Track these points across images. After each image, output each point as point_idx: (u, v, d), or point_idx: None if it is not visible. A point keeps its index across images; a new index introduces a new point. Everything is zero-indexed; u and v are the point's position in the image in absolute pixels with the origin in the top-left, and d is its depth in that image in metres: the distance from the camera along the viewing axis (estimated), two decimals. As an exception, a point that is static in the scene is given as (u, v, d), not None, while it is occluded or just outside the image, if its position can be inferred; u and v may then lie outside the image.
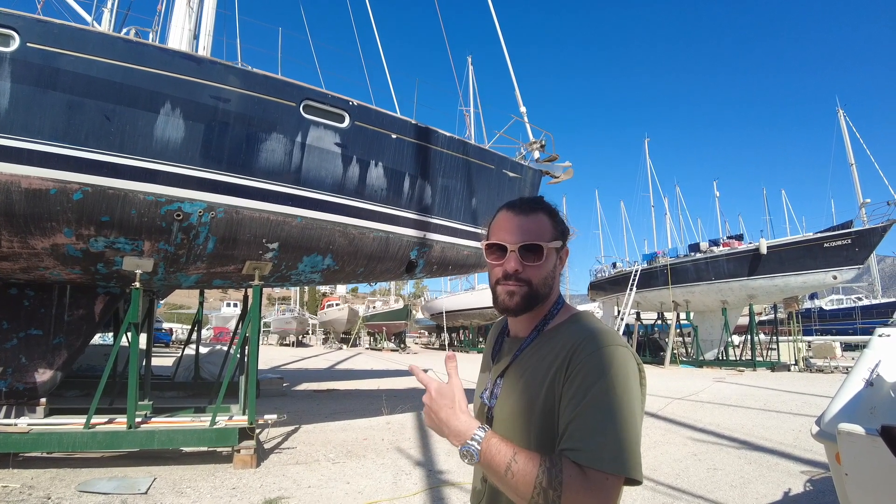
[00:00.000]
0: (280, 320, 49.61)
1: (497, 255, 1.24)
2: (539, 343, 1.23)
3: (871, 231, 21.23)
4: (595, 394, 1.03)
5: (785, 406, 11.55)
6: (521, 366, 1.23)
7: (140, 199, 6.06)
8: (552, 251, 1.23)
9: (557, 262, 1.27)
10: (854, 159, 31.68)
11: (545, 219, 1.25)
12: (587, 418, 1.02)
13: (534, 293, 1.22)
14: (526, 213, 1.25)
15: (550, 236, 1.23)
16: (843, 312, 40.92)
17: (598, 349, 1.08)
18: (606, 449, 0.98)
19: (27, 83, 5.55)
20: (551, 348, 1.18)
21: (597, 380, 1.04)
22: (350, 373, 20.85)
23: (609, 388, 1.03)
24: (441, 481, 5.74)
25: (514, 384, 1.22)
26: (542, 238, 1.22)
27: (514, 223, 1.23)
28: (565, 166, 10.08)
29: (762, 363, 23.52)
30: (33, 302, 7.06)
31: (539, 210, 1.26)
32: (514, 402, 1.19)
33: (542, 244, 1.21)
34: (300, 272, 7.80)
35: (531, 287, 1.22)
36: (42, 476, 5.57)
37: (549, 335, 1.23)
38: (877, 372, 2.83)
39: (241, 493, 5.22)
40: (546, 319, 1.26)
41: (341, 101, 7.23)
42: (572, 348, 1.11)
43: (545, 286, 1.24)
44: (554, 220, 1.26)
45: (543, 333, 1.25)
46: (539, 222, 1.24)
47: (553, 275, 1.26)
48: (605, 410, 1.01)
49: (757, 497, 5.32)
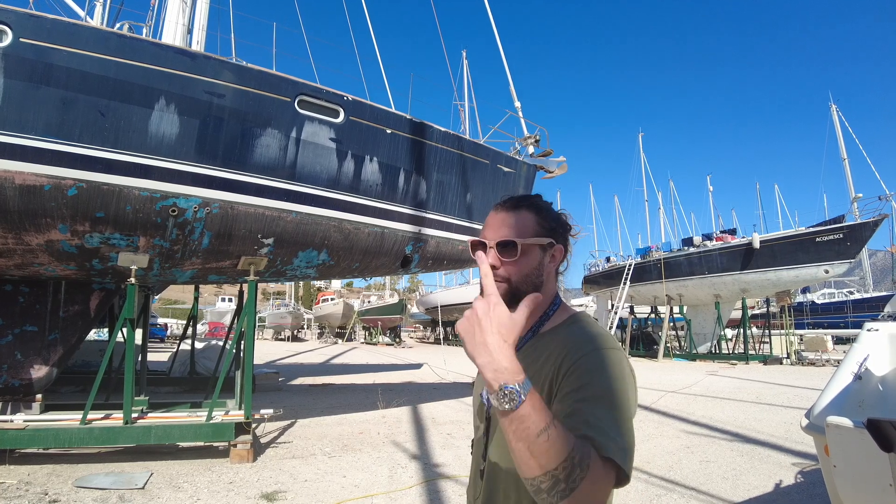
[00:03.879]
0: (275, 315, 49.55)
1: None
2: (534, 344, 1.22)
3: (862, 225, 21.37)
4: (601, 387, 1.02)
5: (777, 399, 11.66)
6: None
7: (135, 194, 6.05)
8: (533, 248, 1.21)
9: (547, 260, 1.24)
10: (846, 154, 31.94)
11: (528, 215, 1.23)
12: (599, 409, 0.99)
13: (513, 290, 1.17)
14: (508, 210, 1.24)
15: (532, 232, 1.21)
16: (834, 306, 41.17)
17: (597, 350, 1.08)
18: (619, 443, 0.96)
19: (20, 78, 5.52)
20: (548, 351, 1.16)
21: (599, 376, 1.04)
22: (345, 367, 20.88)
23: (611, 384, 1.03)
24: (437, 475, 5.79)
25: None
26: (521, 234, 1.20)
27: (497, 220, 1.23)
28: (559, 161, 10.10)
29: (755, 356, 23.68)
30: (28, 298, 7.04)
31: (522, 207, 1.24)
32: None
33: (517, 240, 1.19)
34: (295, 267, 7.81)
35: (510, 284, 1.18)
36: (39, 472, 5.58)
37: (545, 337, 1.22)
38: (865, 366, 2.88)
39: (237, 487, 5.25)
40: (542, 320, 1.25)
41: (336, 97, 7.22)
42: (569, 351, 1.10)
43: (526, 283, 1.19)
44: (540, 216, 1.24)
45: (539, 335, 1.23)
46: (520, 219, 1.22)
47: (538, 272, 1.22)
48: (611, 405, 1.00)
49: (749, 489, 5.39)
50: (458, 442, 7.31)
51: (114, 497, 4.88)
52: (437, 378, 16.36)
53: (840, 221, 22.07)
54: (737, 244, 24.87)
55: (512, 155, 9.72)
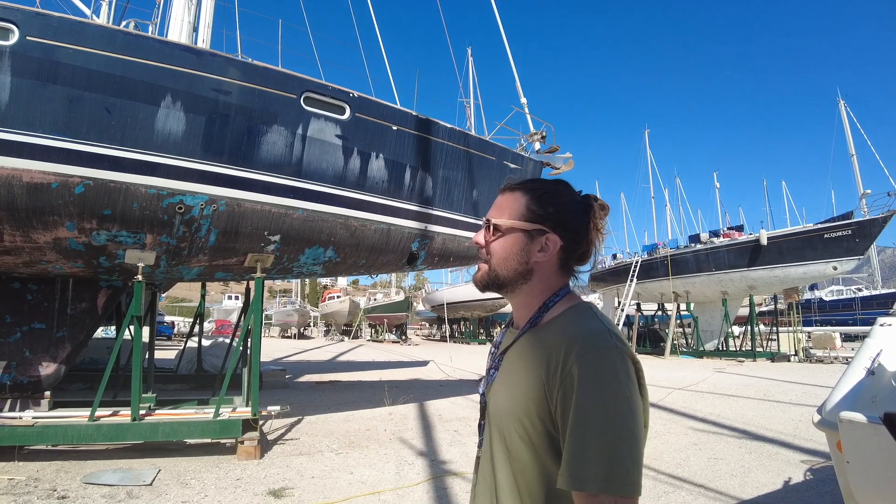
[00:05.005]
0: (282, 312, 49.78)
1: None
2: (531, 337, 1.14)
3: (871, 222, 21.20)
4: (579, 409, 0.95)
5: (785, 396, 11.60)
6: (510, 361, 1.16)
7: (142, 192, 6.06)
8: (516, 232, 1.15)
9: (536, 248, 1.15)
10: (855, 150, 31.63)
11: (521, 197, 1.18)
12: (573, 438, 0.95)
13: (491, 271, 1.17)
14: (505, 191, 1.21)
15: (516, 216, 1.16)
16: (843, 303, 40.95)
17: (587, 354, 0.99)
18: (589, 468, 0.91)
19: (27, 77, 5.53)
20: (543, 346, 1.09)
21: (581, 392, 0.96)
22: (352, 364, 20.92)
23: (595, 399, 0.95)
24: (444, 471, 5.79)
25: (505, 380, 1.15)
26: (505, 215, 1.17)
27: (496, 200, 1.22)
28: (566, 157, 10.06)
29: (762, 354, 23.59)
30: (36, 296, 7.07)
31: (519, 189, 1.20)
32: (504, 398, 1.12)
33: (493, 220, 1.17)
34: (302, 264, 7.81)
35: (489, 265, 1.18)
36: (47, 468, 5.61)
37: (541, 329, 1.14)
38: (878, 361, 2.84)
39: (245, 483, 5.26)
40: (541, 311, 1.16)
41: (342, 93, 7.21)
42: (559, 356, 1.02)
43: (505, 269, 1.16)
44: (533, 200, 1.16)
45: (537, 326, 1.15)
46: (510, 200, 1.19)
47: (521, 259, 1.15)
48: (590, 425, 0.94)
49: (757, 486, 5.35)
50: (465, 439, 7.30)
51: (122, 493, 4.89)
52: (443, 375, 16.36)
53: (848, 218, 21.91)
54: (744, 241, 24.75)
55: (518, 151, 9.69)
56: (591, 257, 1.21)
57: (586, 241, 1.18)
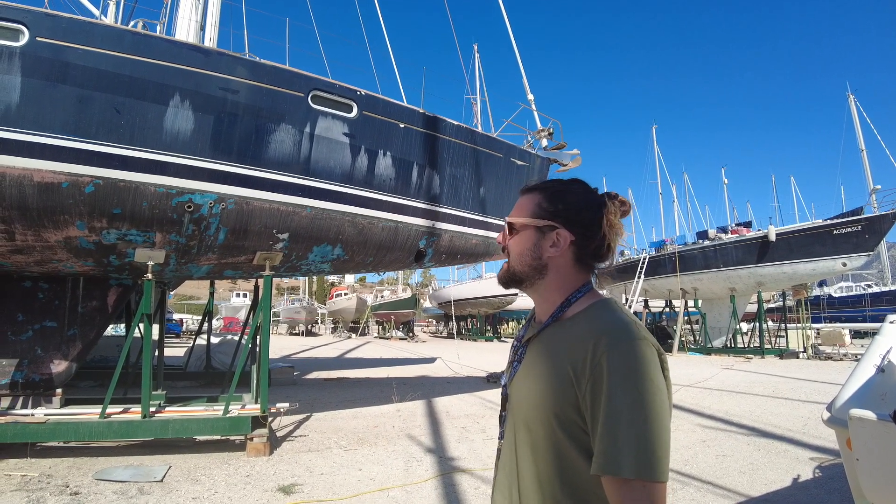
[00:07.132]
0: (289, 310, 49.93)
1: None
2: (554, 331, 1.16)
3: (881, 218, 21.05)
4: (611, 398, 0.98)
5: (793, 393, 11.55)
6: (534, 353, 1.19)
7: (151, 191, 6.11)
8: (528, 228, 1.22)
9: (547, 244, 1.19)
10: (865, 145, 31.43)
11: (535, 196, 1.24)
12: (606, 425, 0.98)
13: (510, 268, 1.25)
14: (523, 193, 1.28)
15: (528, 214, 1.22)
16: (852, 300, 40.69)
17: (614, 345, 1.02)
18: (623, 454, 0.95)
19: (37, 77, 5.58)
20: (568, 340, 1.11)
21: (613, 382, 0.99)
22: (359, 361, 20.99)
23: (626, 388, 0.98)
24: (452, 468, 5.81)
25: (528, 372, 1.17)
26: (521, 215, 1.23)
27: (517, 202, 1.29)
28: (573, 154, 10.05)
29: (770, 350, 23.47)
30: (47, 294, 7.14)
31: (535, 189, 1.26)
32: (528, 390, 1.15)
33: (507, 219, 1.26)
34: (310, 262, 7.84)
35: (508, 263, 1.26)
36: (60, 465, 5.67)
37: (565, 324, 1.16)
38: (888, 358, 2.83)
39: (254, 480, 5.30)
40: (562, 306, 1.18)
41: (349, 91, 7.23)
42: (587, 348, 1.04)
43: (520, 264, 1.22)
44: (545, 198, 1.22)
45: (559, 321, 1.17)
46: (527, 200, 1.25)
47: (534, 254, 1.20)
48: (623, 413, 0.97)
49: (766, 483, 5.34)
50: (473, 436, 7.32)
51: (133, 490, 4.95)
52: (450, 372, 16.39)
53: (858, 213, 21.75)
54: (752, 237, 24.63)
55: (525, 148, 9.68)
56: (609, 253, 1.22)
57: (599, 237, 1.19)
